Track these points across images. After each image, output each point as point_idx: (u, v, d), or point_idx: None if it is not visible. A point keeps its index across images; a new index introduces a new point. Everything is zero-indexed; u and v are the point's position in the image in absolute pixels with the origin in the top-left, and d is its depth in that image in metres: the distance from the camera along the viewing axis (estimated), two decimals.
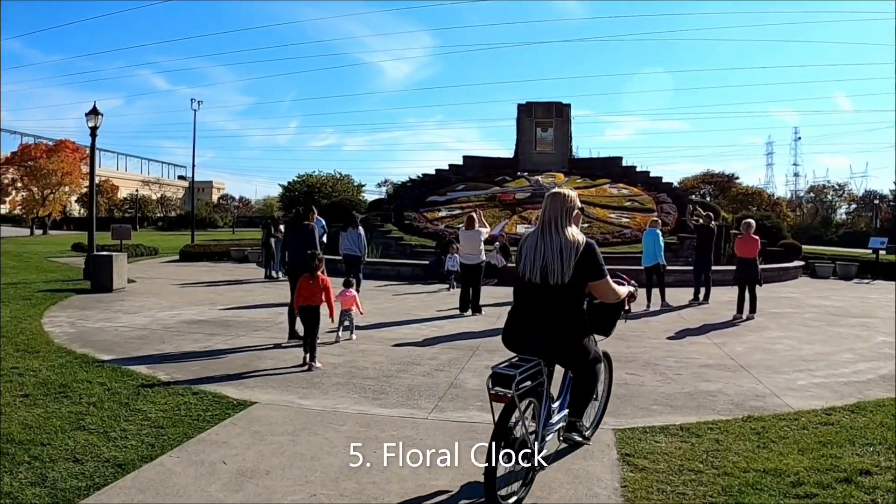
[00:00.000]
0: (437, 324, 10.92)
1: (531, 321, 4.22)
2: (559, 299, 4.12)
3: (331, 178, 55.93)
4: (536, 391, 4.10)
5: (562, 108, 30.48)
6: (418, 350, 8.73)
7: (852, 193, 66.57)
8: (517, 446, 3.86)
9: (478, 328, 10.48)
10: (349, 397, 6.49)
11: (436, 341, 9.38)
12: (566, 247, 4.13)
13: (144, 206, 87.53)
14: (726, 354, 8.63)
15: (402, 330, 10.34)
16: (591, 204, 24.42)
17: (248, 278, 18.60)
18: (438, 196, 26.92)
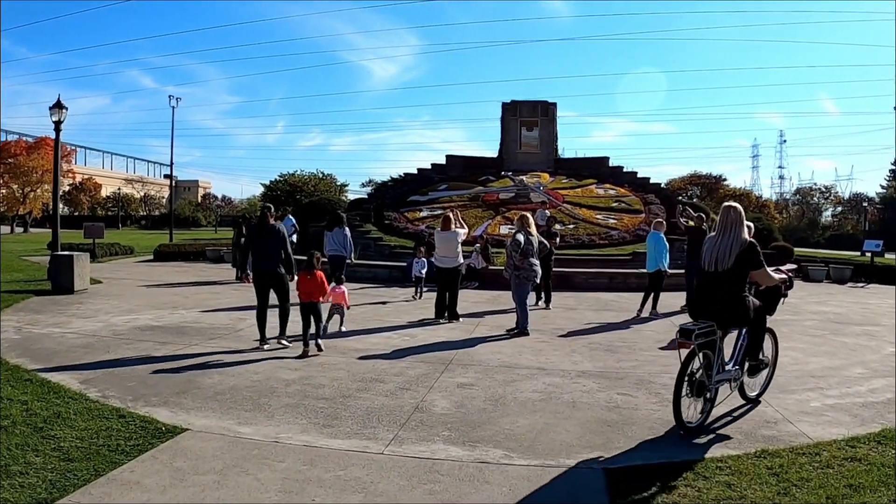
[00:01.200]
0: (409, 332, 10.01)
1: (708, 297, 5.68)
2: (726, 281, 5.56)
3: (313, 178, 55.15)
4: (711, 345, 5.56)
5: (547, 107, 29.67)
6: (385, 364, 7.81)
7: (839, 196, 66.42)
8: (697, 386, 5.43)
9: (453, 337, 9.58)
10: (296, 423, 5.57)
11: (406, 353, 8.46)
12: (735, 244, 5.56)
13: (128, 204, 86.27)
14: None
15: (371, 339, 9.43)
16: (578, 205, 23.66)
17: (219, 279, 17.63)
18: (420, 196, 26.01)
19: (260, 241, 8.95)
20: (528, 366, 7.80)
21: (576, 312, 12.35)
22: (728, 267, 5.51)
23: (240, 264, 16.78)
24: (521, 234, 9.83)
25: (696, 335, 5.29)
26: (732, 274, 5.52)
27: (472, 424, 5.57)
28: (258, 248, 8.93)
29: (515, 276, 9.80)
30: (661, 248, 12.25)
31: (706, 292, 5.71)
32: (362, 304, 13.01)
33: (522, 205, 23.49)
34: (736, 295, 5.55)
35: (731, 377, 5.87)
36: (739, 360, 6.01)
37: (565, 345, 9.13)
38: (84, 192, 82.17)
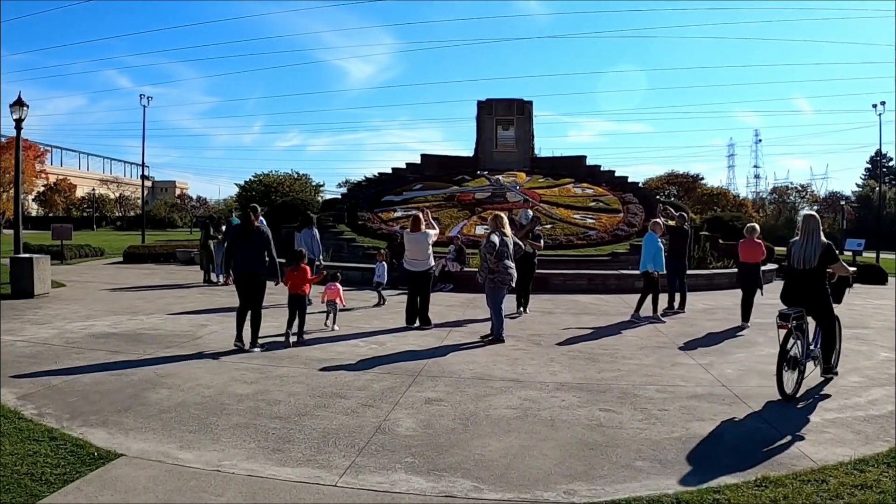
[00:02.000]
0: (378, 340, 9.38)
1: (798, 289, 6.85)
2: (812, 277, 6.77)
3: (288, 178, 54.74)
4: (801, 329, 6.66)
5: (523, 106, 29.10)
6: (348, 376, 7.18)
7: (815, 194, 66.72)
8: (792, 361, 6.49)
9: (424, 345, 8.98)
10: (244, 447, 4.94)
11: (372, 363, 7.84)
12: (818, 246, 6.75)
13: (103, 205, 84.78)
14: (716, 380, 7.25)
15: (336, 347, 8.80)
16: (555, 204, 23.16)
17: (186, 282, 16.92)
18: (394, 196, 25.36)
19: (243, 243, 8.69)
20: (502, 377, 7.21)
21: (554, 316, 11.80)
22: (814, 265, 6.76)
23: (224, 266, 16.28)
24: (495, 235, 9.24)
25: (791, 318, 6.46)
26: (817, 271, 6.78)
27: (439, 448, 4.97)
28: (241, 250, 8.70)
29: (490, 279, 9.21)
30: (652, 249, 11.67)
31: (797, 285, 6.92)
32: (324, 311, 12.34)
33: (499, 204, 22.94)
34: (821, 286, 6.84)
35: (815, 355, 6.97)
36: (819, 342, 7.07)
37: (543, 353, 8.56)
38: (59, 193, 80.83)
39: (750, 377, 7.41)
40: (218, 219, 20.91)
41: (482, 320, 10.66)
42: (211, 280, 16.89)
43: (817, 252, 6.73)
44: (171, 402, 6.08)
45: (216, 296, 14.12)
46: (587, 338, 9.71)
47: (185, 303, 12.93)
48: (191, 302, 13.10)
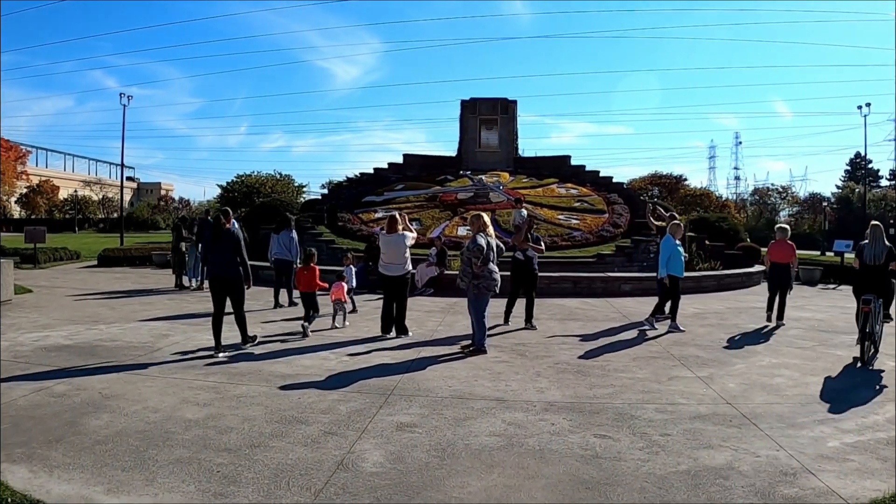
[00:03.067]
0: (350, 351, 8.65)
1: (870, 280, 8.66)
2: (880, 271, 8.68)
3: (270, 179, 54.21)
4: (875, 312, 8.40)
5: (507, 105, 28.49)
6: (313, 395, 6.45)
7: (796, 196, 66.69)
8: (869, 335, 8.27)
9: (400, 357, 8.26)
10: (181, 489, 4.21)
11: (341, 380, 7.11)
12: (883, 248, 8.68)
13: (86, 207, 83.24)
14: (719, 396, 6.60)
15: (303, 360, 8.06)
16: (539, 205, 22.49)
17: (158, 287, 16.06)
18: (375, 196, 24.61)
19: (215, 246, 8.53)
20: (484, 395, 6.51)
21: (538, 323, 11.09)
22: (881, 262, 8.60)
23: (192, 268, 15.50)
24: (480, 237, 8.54)
25: (872, 302, 8.26)
26: (884, 266, 8.61)
27: (410, 489, 4.25)
28: (213, 252, 8.57)
29: (474, 285, 8.49)
30: (667, 252, 11.01)
31: (868, 277, 8.68)
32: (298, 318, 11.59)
33: (482, 205, 22.35)
34: (888, 278, 8.69)
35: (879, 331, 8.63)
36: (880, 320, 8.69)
37: (528, 366, 7.86)
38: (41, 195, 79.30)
39: (755, 392, 6.77)
40: (191, 220, 20.08)
41: (464, 325, 9.95)
42: (183, 285, 16.06)
43: (884, 252, 8.63)
44: (110, 431, 5.33)
45: (186, 302, 13.33)
46: (575, 347, 9.04)
47: (151, 310, 12.13)
48: (158, 309, 12.30)
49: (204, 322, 10.39)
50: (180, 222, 18.02)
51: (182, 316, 11.49)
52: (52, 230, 64.12)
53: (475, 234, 8.62)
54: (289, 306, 12.90)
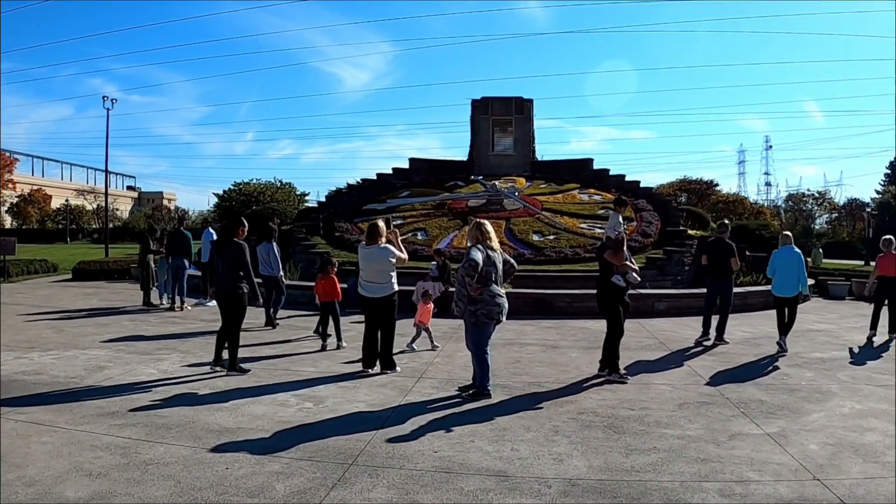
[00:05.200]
0: (316, 392, 6.95)
1: None
2: None
3: (270, 187, 52.33)
4: None
5: (522, 104, 26.57)
6: (247, 464, 4.76)
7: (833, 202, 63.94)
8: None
9: (378, 403, 6.54)
10: None
11: (293, 437, 5.40)
12: None
13: (79, 216, 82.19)
14: (801, 465, 4.81)
15: (256, 405, 6.38)
16: (559, 212, 20.71)
17: (125, 305, 14.50)
18: (378, 204, 22.79)
19: (218, 258, 8.02)
20: (480, 467, 4.77)
21: (558, 352, 9.36)
22: None
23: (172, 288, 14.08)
24: (477, 249, 6.79)
25: None
26: None
27: None
28: (216, 265, 8.09)
29: (471, 312, 6.75)
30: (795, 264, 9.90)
31: None
32: (276, 341, 9.94)
33: (495, 212, 20.60)
34: None
35: None
36: None
37: (543, 417, 6.08)
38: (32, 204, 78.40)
39: (846, 458, 4.98)
40: (162, 231, 18.56)
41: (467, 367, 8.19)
42: (151, 303, 14.43)
43: None
44: None
45: (147, 324, 11.74)
46: (604, 388, 7.26)
47: (103, 333, 10.53)
48: (111, 331, 10.71)
49: (156, 350, 9.11)
50: (147, 233, 16.39)
51: (135, 339, 10.04)
52: (44, 240, 63.40)
53: (471, 247, 6.89)
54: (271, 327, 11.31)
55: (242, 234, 8.20)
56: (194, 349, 9.27)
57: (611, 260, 7.81)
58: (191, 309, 13.79)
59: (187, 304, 13.98)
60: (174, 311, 13.49)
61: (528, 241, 18.37)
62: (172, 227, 15.37)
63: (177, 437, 5.39)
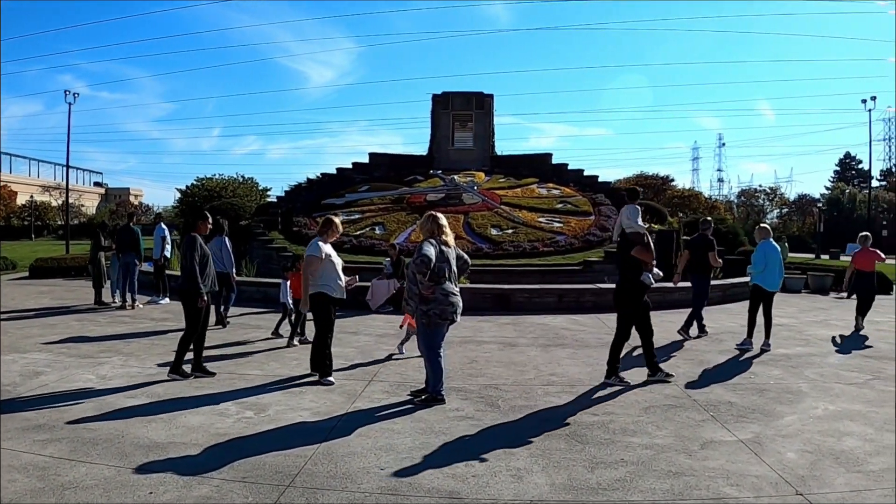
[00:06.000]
0: (259, 401, 6.36)
1: None
2: None
3: (232, 182, 51.46)
4: None
5: (483, 99, 26.23)
6: (173, 486, 4.18)
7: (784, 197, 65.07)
8: None
9: (323, 411, 5.99)
10: None
11: (226, 454, 4.83)
12: None
13: (45, 212, 79.84)
14: (780, 476, 4.41)
15: (193, 416, 5.78)
16: (517, 206, 20.36)
17: (76, 304, 13.61)
18: (336, 198, 22.27)
19: None
20: (431, 487, 4.25)
21: (516, 351, 8.91)
22: None
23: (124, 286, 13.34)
24: (430, 244, 6.28)
25: None
26: None
27: None
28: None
29: (423, 312, 6.24)
30: None
31: None
32: (223, 344, 9.27)
33: (454, 206, 20.20)
34: None
35: None
36: None
37: (500, 425, 5.62)
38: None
39: (826, 467, 4.61)
40: (113, 226, 17.70)
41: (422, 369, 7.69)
42: (103, 301, 13.67)
43: None
44: None
45: (95, 324, 10.99)
46: (565, 390, 6.83)
47: (48, 335, 9.76)
48: (56, 333, 9.94)
49: (98, 353, 8.43)
50: (98, 229, 15.56)
51: (79, 341, 9.31)
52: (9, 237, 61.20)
53: (423, 241, 6.38)
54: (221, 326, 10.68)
55: (204, 228, 7.64)
56: (138, 351, 8.62)
57: (641, 257, 7.08)
58: (142, 307, 13.09)
59: (139, 303, 13.29)
60: (125, 310, 12.76)
61: (487, 235, 17.98)
62: (122, 224, 14.58)
63: (103, 454, 4.78)
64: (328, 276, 7.09)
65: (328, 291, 7.07)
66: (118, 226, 16.34)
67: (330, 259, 7.12)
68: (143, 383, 6.93)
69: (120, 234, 14.01)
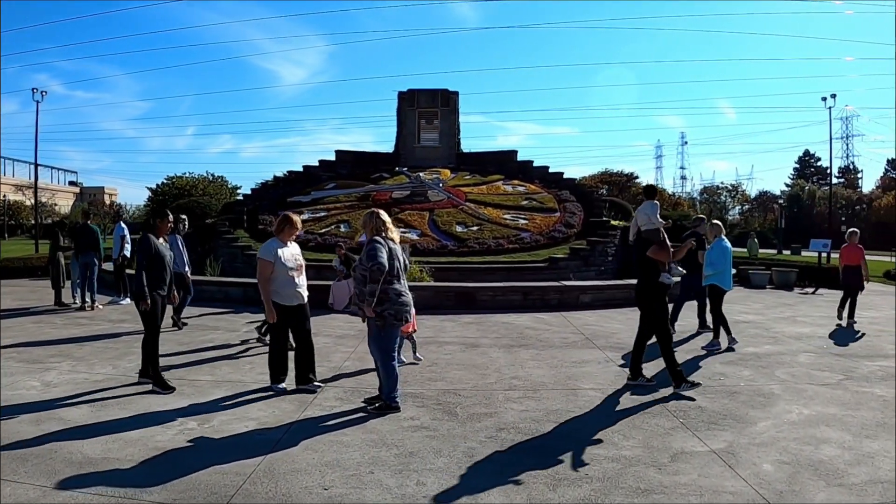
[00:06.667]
0: (207, 409, 5.89)
1: None
2: None
3: (202, 180, 51.23)
4: None
5: (448, 96, 26.04)
6: None
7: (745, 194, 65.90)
8: None
9: (271, 421, 5.55)
10: None
11: (160, 471, 4.37)
12: None
13: (18, 212, 78.06)
14: (760, 496, 4.05)
15: (133, 428, 5.29)
16: (483, 203, 20.04)
17: (35, 306, 12.88)
18: (302, 196, 21.79)
19: None
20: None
21: (478, 352, 8.53)
22: None
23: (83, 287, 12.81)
24: (380, 246, 5.82)
25: None
26: None
27: None
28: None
29: (377, 314, 5.77)
30: None
31: None
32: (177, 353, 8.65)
33: (419, 204, 19.91)
34: None
35: None
36: None
37: (457, 436, 5.20)
38: None
39: (807, 480, 4.30)
40: (73, 225, 16.97)
41: None
42: (63, 303, 13.03)
43: None
44: None
45: (51, 326, 10.41)
46: (527, 396, 6.45)
47: (3, 338, 9.14)
48: (9, 336, 9.31)
49: (48, 358, 7.93)
50: (56, 228, 14.90)
51: (32, 345, 8.76)
52: None
53: (372, 241, 5.93)
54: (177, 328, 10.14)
55: (164, 228, 7.12)
56: (89, 356, 8.09)
57: (657, 257, 6.69)
58: (102, 308, 12.49)
59: (98, 304, 12.68)
60: (85, 311, 12.15)
61: (452, 232, 17.62)
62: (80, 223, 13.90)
63: (32, 472, 4.30)
64: (279, 281, 6.50)
65: (278, 300, 6.50)
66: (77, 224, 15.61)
67: (282, 262, 6.53)
68: (87, 391, 6.44)
69: (78, 233, 13.34)
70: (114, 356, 8.05)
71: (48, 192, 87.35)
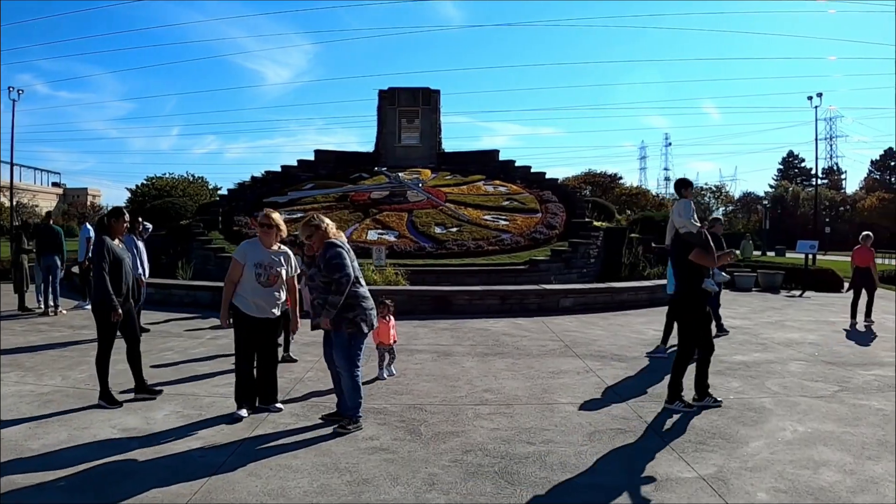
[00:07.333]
0: (151, 423, 5.36)
1: None
2: None
3: (182, 181, 50.40)
4: None
5: (430, 95, 25.51)
6: None
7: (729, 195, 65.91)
8: None
9: (218, 439, 5.00)
10: None
11: (90, 496, 3.89)
12: None
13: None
14: None
15: (70, 446, 4.76)
16: (463, 204, 19.54)
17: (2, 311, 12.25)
18: (279, 196, 21.21)
19: None
20: None
21: (450, 362, 8.02)
22: None
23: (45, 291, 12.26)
24: (341, 253, 5.26)
25: None
26: None
27: None
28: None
29: (347, 320, 5.26)
30: None
31: None
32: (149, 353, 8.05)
33: (398, 204, 19.42)
34: None
35: None
36: None
37: (418, 460, 4.67)
38: None
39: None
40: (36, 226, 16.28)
41: None
42: (26, 307, 12.45)
43: None
44: None
45: (9, 332, 9.86)
46: (499, 412, 5.93)
47: None
48: None
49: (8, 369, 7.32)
50: (20, 230, 14.24)
51: None
52: None
53: (332, 248, 5.32)
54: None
55: (120, 229, 6.44)
56: (40, 365, 7.53)
57: (700, 262, 6.06)
58: (65, 313, 11.89)
59: (62, 308, 12.11)
60: (48, 316, 11.58)
61: (431, 233, 17.13)
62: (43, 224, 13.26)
63: None
64: (244, 286, 5.78)
65: (239, 305, 5.81)
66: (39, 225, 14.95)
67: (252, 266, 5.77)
68: (29, 405, 5.90)
69: (40, 234, 12.71)
70: (65, 365, 7.53)
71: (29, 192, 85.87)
